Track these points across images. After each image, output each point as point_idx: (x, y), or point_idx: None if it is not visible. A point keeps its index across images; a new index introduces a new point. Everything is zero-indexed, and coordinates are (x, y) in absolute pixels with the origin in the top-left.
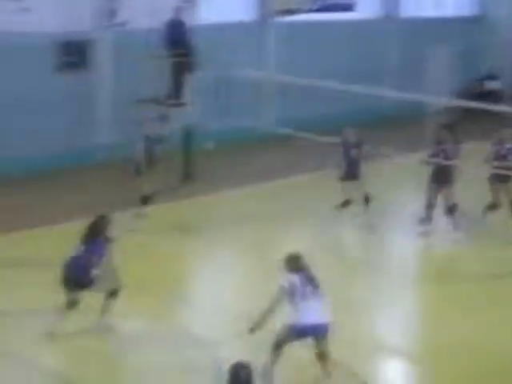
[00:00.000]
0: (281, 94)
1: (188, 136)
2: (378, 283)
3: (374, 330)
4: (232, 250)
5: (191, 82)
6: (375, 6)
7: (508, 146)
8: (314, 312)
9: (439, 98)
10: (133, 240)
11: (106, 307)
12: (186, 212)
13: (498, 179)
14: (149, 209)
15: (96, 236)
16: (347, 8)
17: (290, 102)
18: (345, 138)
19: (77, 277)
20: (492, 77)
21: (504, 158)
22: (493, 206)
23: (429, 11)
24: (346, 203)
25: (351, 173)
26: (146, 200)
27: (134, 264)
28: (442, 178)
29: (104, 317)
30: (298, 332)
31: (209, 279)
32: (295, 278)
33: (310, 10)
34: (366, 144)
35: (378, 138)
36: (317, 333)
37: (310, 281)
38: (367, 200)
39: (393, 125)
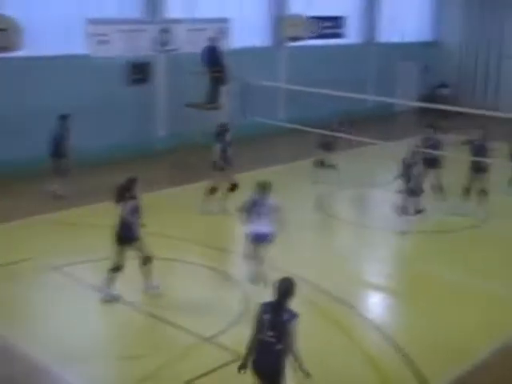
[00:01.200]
0: (289, 99)
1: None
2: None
3: (360, 270)
4: None
5: (224, 90)
6: (359, 34)
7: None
8: (258, 225)
9: (406, 100)
10: None
11: (147, 272)
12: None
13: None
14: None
15: (128, 196)
16: (339, 35)
17: (297, 104)
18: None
19: (126, 236)
20: (444, 85)
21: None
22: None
23: (398, 38)
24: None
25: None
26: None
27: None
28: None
29: (148, 280)
30: (248, 237)
31: None
32: (256, 199)
33: (312, 37)
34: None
35: (362, 130)
36: (257, 239)
37: (262, 205)
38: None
39: (373, 120)
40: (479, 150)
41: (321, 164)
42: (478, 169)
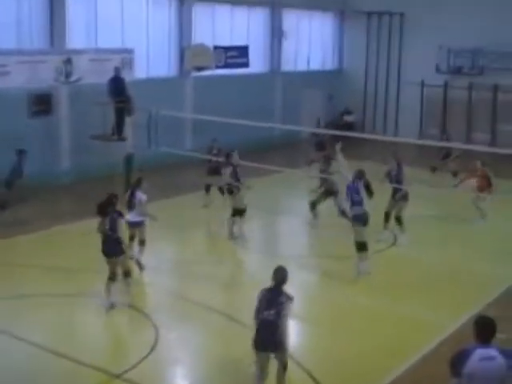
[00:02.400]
0: (196, 128)
1: (128, 161)
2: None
3: None
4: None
5: (129, 121)
6: (263, 63)
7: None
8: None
9: (312, 128)
10: None
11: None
12: None
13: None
14: None
15: (110, 211)
16: (244, 65)
17: (202, 133)
18: (230, 159)
19: (112, 251)
20: (348, 112)
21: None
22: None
23: (302, 66)
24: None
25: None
26: None
27: None
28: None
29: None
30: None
31: None
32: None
33: (218, 67)
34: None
35: (268, 158)
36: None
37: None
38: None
39: (280, 148)
40: (397, 178)
41: (208, 189)
42: (399, 196)
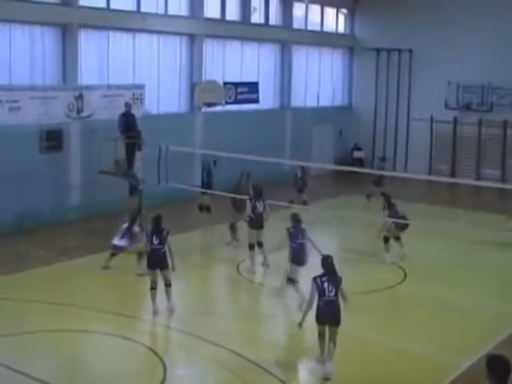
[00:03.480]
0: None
1: (139, 196)
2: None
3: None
4: None
5: (140, 156)
6: (273, 99)
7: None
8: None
9: (322, 164)
10: None
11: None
12: None
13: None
14: None
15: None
16: (254, 101)
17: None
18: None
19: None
20: (358, 148)
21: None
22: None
23: (312, 102)
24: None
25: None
26: None
27: None
28: None
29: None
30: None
31: None
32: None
33: (228, 103)
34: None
35: (280, 193)
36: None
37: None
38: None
39: (290, 183)
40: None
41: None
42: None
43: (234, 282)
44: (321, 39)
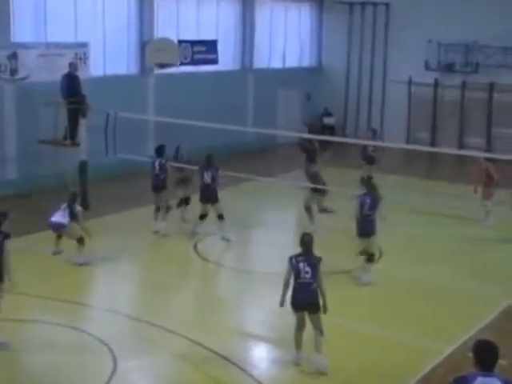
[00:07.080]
0: (159, 132)
1: (82, 170)
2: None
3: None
4: None
5: (84, 124)
6: (234, 59)
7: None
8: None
9: (288, 131)
10: None
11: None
12: None
13: None
14: None
15: None
16: (212, 61)
17: (168, 138)
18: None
19: None
20: (328, 114)
21: None
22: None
23: (277, 63)
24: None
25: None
26: None
27: None
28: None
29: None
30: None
31: None
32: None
33: (183, 64)
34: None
35: (241, 164)
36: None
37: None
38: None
39: (254, 153)
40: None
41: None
42: None
43: (192, 261)
44: None
